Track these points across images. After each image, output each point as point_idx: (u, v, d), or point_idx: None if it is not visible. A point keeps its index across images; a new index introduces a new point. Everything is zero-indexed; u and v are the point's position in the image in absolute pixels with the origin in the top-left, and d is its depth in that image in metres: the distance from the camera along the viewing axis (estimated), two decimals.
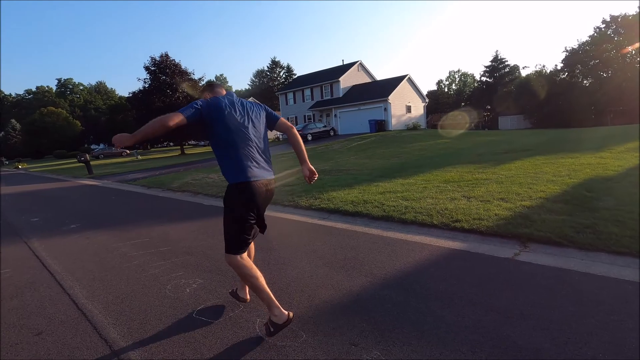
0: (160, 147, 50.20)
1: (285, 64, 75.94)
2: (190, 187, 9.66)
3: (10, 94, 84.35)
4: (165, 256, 4.01)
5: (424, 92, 35.40)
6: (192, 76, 34.10)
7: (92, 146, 55.33)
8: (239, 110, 2.27)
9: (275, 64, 75.84)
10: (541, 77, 42.70)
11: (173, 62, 33.34)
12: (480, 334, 2.11)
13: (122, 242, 4.77)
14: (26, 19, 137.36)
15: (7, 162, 43.68)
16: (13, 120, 60.20)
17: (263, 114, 2.41)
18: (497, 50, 71.47)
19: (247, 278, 2.16)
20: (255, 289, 2.17)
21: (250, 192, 2.15)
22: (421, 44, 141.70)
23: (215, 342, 2.19)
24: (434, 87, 76.53)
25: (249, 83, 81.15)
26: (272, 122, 2.47)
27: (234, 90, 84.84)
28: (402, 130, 27.14)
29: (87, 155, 20.00)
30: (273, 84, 73.64)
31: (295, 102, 37.33)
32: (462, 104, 63.49)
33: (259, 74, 78.20)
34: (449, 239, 3.94)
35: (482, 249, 3.56)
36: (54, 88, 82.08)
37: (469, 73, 76.45)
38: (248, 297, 2.61)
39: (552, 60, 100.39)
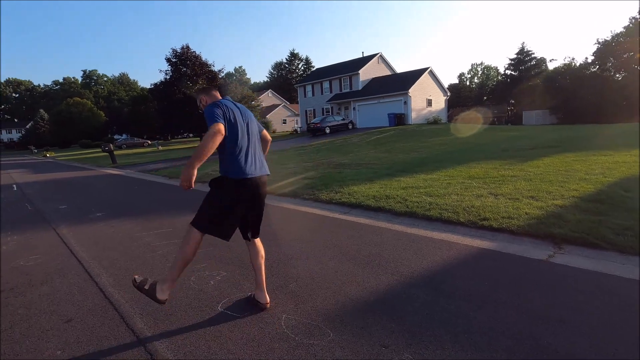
0: (180, 138, 51.05)
1: (304, 56, 75.71)
2: (210, 178, 9.74)
3: (39, 85, 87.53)
4: None
5: (446, 86, 34.52)
6: (212, 68, 34.38)
7: (115, 136, 56.78)
8: (240, 112, 2.43)
9: (294, 56, 75.64)
10: (570, 71, 40.95)
11: (194, 53, 33.69)
12: (516, 339, 2.00)
13: (145, 232, 4.84)
14: (55, 13, 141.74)
15: (36, 151, 45.42)
16: (41, 111, 62.42)
17: (254, 118, 2.58)
18: (523, 43, 68.67)
19: (183, 254, 2.27)
20: (177, 265, 2.28)
21: (249, 187, 2.34)
22: (444, 36, 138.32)
23: (241, 337, 2.16)
24: (456, 81, 74.72)
25: (268, 75, 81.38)
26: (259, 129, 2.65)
27: (252, 82, 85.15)
28: (422, 124, 26.64)
29: (111, 145, 20.50)
30: (291, 76, 73.54)
31: (313, 94, 37.13)
32: (484, 98, 61.72)
33: (278, 66, 78.21)
34: (476, 238, 3.80)
35: (513, 249, 3.41)
36: (80, 79, 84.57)
37: (492, 66, 74.23)
38: (267, 299, 2.55)
39: (582, 52, 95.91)
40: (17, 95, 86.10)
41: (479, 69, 75.34)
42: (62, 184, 12.13)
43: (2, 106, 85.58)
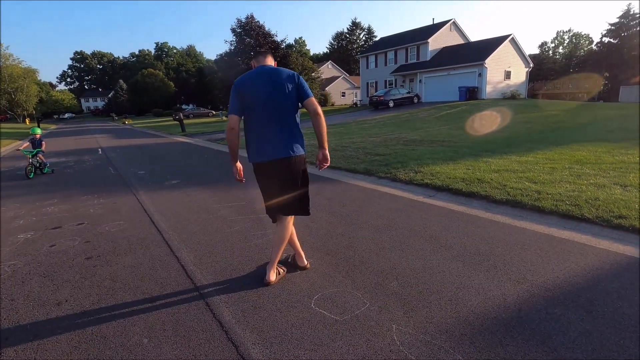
0: None
1: (366, 26, 72.30)
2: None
3: (119, 57, 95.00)
4: (265, 225, 3.77)
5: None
6: (275, 38, 34.13)
7: (183, 106, 60.00)
8: (263, 84, 2.26)
9: (355, 25, 72.52)
10: None
11: (257, 23, 33.58)
12: None
13: (220, 204, 4.70)
14: None
15: (116, 118, 49.90)
16: (121, 81, 67.84)
17: (292, 86, 2.28)
18: (629, 4, 57.40)
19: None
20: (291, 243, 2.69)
21: (259, 172, 2.43)
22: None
23: (347, 351, 1.78)
24: (536, 51, 66.34)
25: (328, 46, 79.24)
26: (301, 98, 2.33)
27: (312, 54, 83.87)
28: (498, 100, 24.09)
29: (181, 114, 21.45)
30: (352, 47, 70.94)
31: (376, 65, 35.33)
32: (571, 70, 54.25)
33: (338, 36, 75.65)
34: (615, 240, 3.02)
35: None
36: (152, 51, 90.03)
37: (583, 34, 64.45)
38: (306, 262, 2.72)
39: None
40: (101, 66, 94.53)
41: (566, 37, 65.95)
42: (139, 149, 12.88)
43: (89, 77, 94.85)
